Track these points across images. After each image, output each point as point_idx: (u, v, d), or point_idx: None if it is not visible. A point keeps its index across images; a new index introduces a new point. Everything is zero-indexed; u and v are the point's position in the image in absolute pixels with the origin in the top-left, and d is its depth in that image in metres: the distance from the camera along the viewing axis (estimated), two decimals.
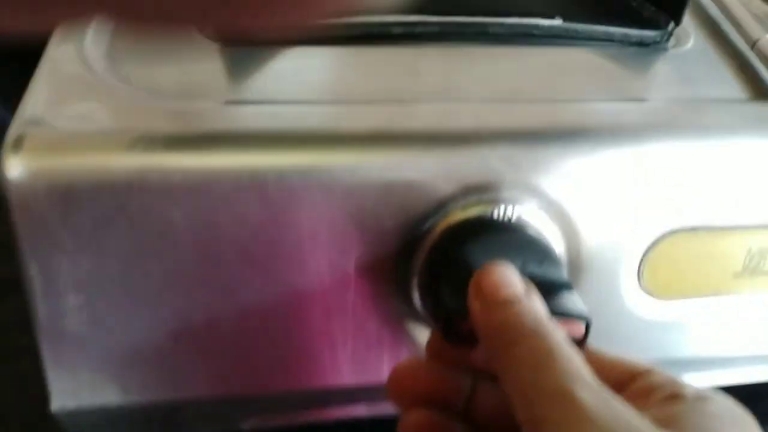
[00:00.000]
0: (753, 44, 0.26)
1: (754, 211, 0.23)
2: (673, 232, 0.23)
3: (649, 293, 0.23)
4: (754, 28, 0.26)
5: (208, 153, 0.19)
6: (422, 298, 0.21)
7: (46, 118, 0.19)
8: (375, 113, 0.21)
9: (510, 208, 0.21)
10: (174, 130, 0.19)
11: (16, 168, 0.18)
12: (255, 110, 0.20)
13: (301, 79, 0.22)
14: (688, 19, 0.27)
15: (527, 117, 0.21)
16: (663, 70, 0.25)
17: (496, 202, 0.21)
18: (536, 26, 0.25)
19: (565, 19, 0.25)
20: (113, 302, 0.20)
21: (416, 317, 0.22)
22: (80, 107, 0.19)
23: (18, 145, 0.18)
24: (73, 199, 0.18)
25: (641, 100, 0.23)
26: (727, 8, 0.27)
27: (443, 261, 0.20)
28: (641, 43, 0.26)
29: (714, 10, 0.28)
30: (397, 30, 0.24)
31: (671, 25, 0.26)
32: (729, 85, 0.24)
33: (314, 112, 0.20)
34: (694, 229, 0.23)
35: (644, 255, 0.23)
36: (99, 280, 0.19)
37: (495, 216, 0.21)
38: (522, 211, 0.21)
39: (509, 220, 0.21)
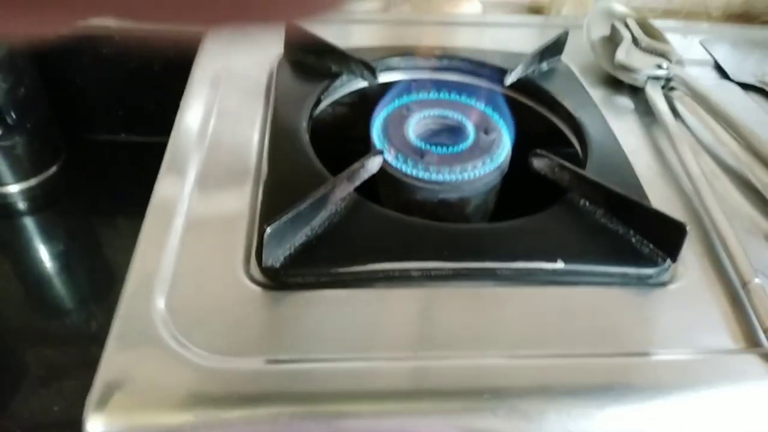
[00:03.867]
0: (744, 285, 0.28)
1: None
2: None
3: None
4: (747, 269, 0.28)
5: (249, 413, 0.23)
6: None
7: (122, 382, 0.23)
8: (392, 371, 0.24)
9: None
10: (220, 392, 0.23)
11: (98, 425, 0.22)
12: (288, 369, 0.24)
13: (330, 330, 0.25)
14: (690, 248, 0.30)
15: (531, 374, 0.24)
16: (660, 310, 0.28)
17: None
18: (540, 269, 0.28)
19: (566, 261, 0.28)
20: None
21: None
22: (147, 371, 0.23)
23: (101, 406, 0.22)
24: None
25: (636, 354, 0.26)
26: (725, 242, 0.30)
27: None
28: (640, 280, 0.28)
29: (715, 240, 0.31)
30: (416, 274, 0.27)
31: (668, 262, 0.29)
32: (721, 331, 0.27)
33: (338, 370, 0.24)
34: None
35: None
36: None
37: None
38: None
39: None
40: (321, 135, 0.36)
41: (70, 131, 0.53)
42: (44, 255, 0.47)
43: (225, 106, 0.37)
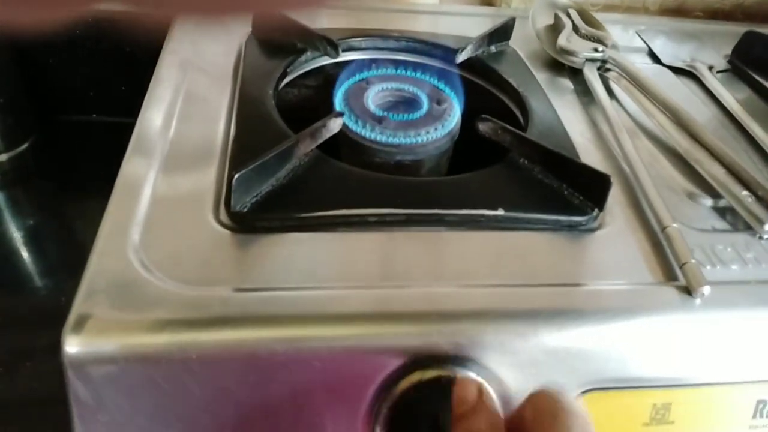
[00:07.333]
0: (663, 229, 0.32)
1: (656, 374, 0.29)
2: (588, 391, 0.28)
3: None
4: (665, 215, 0.32)
5: (218, 334, 0.25)
6: None
7: (97, 308, 0.25)
8: (348, 297, 0.27)
9: (454, 374, 0.26)
10: (191, 316, 0.25)
11: (74, 344, 0.24)
12: (254, 296, 0.26)
13: (292, 266, 0.28)
14: (616, 200, 0.34)
15: (471, 300, 0.27)
16: (588, 251, 0.31)
17: (442, 369, 0.26)
18: (482, 216, 0.31)
19: (506, 209, 0.31)
20: None
21: None
22: (121, 299, 0.25)
23: (77, 328, 0.24)
24: (114, 370, 0.24)
25: (566, 284, 0.29)
26: (647, 194, 0.34)
27: (402, 415, 0.26)
28: (571, 226, 0.32)
29: (639, 193, 0.34)
30: (372, 219, 0.30)
31: (596, 210, 0.32)
32: (643, 268, 0.30)
33: (298, 297, 0.26)
34: (604, 389, 0.28)
35: None
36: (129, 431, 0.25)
37: (442, 380, 0.26)
38: (464, 376, 0.26)
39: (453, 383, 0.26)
40: (287, 118, 0.39)
41: (42, 111, 0.54)
42: (12, 229, 0.49)
43: (194, 83, 0.39)
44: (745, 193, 0.35)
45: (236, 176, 0.28)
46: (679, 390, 0.29)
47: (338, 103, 0.37)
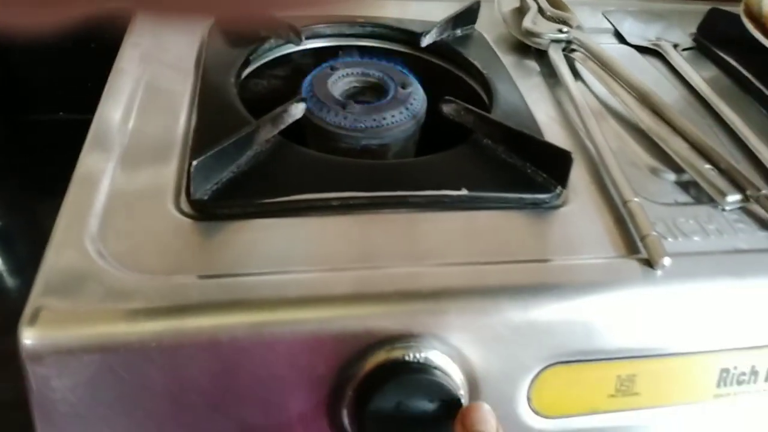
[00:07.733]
0: (625, 204, 0.32)
1: (620, 346, 0.29)
2: (553, 365, 0.28)
3: (538, 413, 0.29)
4: (626, 190, 0.32)
5: (178, 322, 0.25)
6: (351, 425, 0.27)
7: (53, 299, 0.24)
8: (311, 281, 0.27)
9: (419, 353, 0.26)
10: (150, 305, 0.25)
11: (30, 337, 0.24)
12: (215, 283, 0.26)
13: (255, 251, 0.28)
14: (579, 177, 0.34)
15: (435, 279, 0.27)
16: (553, 228, 0.31)
17: (407, 348, 0.26)
18: (446, 196, 0.31)
19: (470, 189, 0.31)
20: None
21: None
22: (76, 290, 0.25)
23: (33, 320, 0.24)
24: (72, 359, 0.24)
25: (529, 261, 0.29)
26: (608, 170, 0.34)
27: (368, 396, 0.26)
28: (535, 204, 0.32)
29: (602, 170, 0.35)
30: (335, 203, 0.30)
31: (559, 188, 0.32)
32: (606, 243, 0.30)
33: (260, 282, 0.26)
34: (569, 362, 0.28)
35: (531, 383, 0.28)
36: (90, 422, 0.25)
37: (407, 359, 0.26)
38: (429, 354, 0.27)
39: (418, 362, 0.26)
40: (256, 109, 0.38)
41: (8, 110, 0.53)
42: None
43: (155, 74, 0.38)
44: (707, 166, 0.35)
45: (195, 163, 0.28)
46: (643, 361, 0.30)
47: (304, 90, 0.37)
